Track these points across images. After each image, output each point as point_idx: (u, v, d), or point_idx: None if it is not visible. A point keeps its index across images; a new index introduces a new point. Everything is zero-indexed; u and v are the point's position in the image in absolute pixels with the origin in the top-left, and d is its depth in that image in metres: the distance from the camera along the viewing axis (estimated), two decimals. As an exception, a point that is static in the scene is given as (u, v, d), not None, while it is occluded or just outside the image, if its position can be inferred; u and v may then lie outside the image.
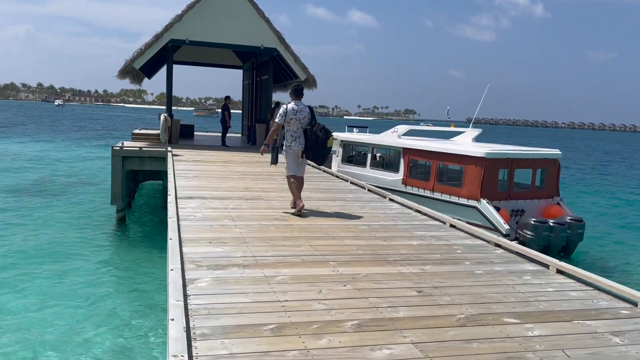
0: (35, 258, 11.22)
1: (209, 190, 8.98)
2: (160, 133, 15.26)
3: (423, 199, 13.98)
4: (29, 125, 64.84)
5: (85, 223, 14.81)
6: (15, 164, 26.56)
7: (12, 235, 13.08)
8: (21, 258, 11.24)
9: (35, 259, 11.26)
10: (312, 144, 7.24)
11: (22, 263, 10.90)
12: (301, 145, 7.38)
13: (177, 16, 17.62)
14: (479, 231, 6.52)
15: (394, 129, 16.03)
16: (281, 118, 7.33)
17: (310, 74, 19.01)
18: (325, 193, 9.44)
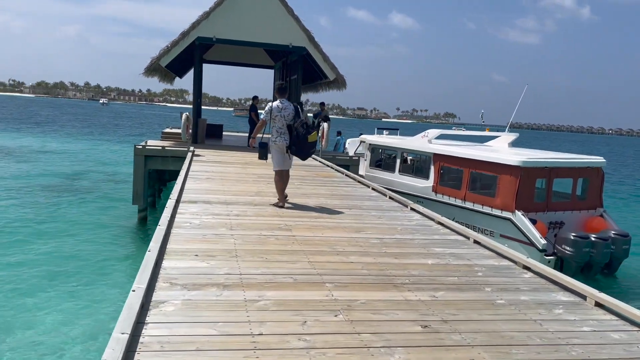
0: (51, 254, 11.09)
1: (217, 193, 8.44)
2: (182, 132, 14.90)
3: (454, 208, 13.14)
4: (68, 122, 66.59)
5: (107, 221, 14.63)
6: (48, 160, 26.93)
7: (33, 231, 12.99)
8: (38, 254, 11.15)
9: (52, 254, 11.16)
10: (294, 139, 7.61)
11: (38, 260, 10.82)
12: (286, 141, 7.71)
13: (204, 13, 17.27)
14: (505, 250, 5.72)
15: (424, 133, 15.20)
16: (266, 115, 7.74)
17: (340, 74, 18.36)
18: (342, 199, 8.76)
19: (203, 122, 19.72)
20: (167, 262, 4.66)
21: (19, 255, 10.99)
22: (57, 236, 12.70)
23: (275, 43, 17.99)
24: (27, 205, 15.84)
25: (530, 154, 12.72)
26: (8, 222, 13.68)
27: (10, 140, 36.50)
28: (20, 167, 23.73)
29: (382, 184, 16.35)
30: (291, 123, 7.66)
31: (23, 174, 21.88)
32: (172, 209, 6.71)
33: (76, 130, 52.92)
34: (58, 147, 34.46)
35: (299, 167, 13.21)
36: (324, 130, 15.81)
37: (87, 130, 54.26)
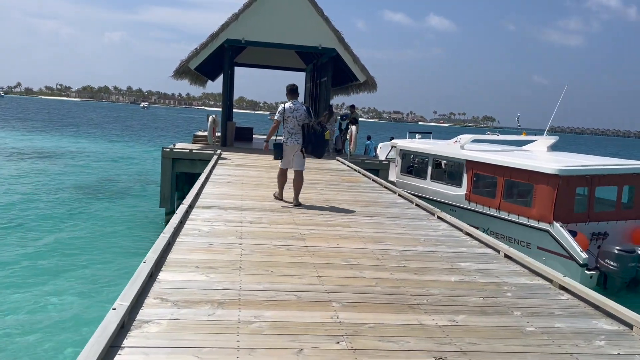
0: (76, 255, 11.06)
1: (234, 198, 8.12)
2: (208, 135, 14.72)
3: (488, 218, 12.47)
4: (107, 125, 68.23)
5: (132, 224, 14.58)
6: (82, 161, 27.39)
7: (58, 232, 13.03)
8: (59, 253, 11.15)
9: (76, 255, 11.14)
10: (310, 137, 7.75)
11: (56, 257, 10.83)
12: (296, 142, 7.89)
13: (233, 15, 17.10)
14: (539, 267, 5.14)
15: (457, 139, 14.53)
16: (279, 116, 7.87)
17: (370, 75, 17.89)
18: (365, 206, 8.30)
19: (232, 125, 19.57)
20: (164, 274, 4.32)
21: (37, 253, 11.03)
22: (81, 237, 12.68)
23: (305, 44, 17.67)
24: (56, 207, 15.98)
25: (570, 160, 11.93)
26: (34, 221, 13.80)
27: (50, 142, 37.48)
28: (55, 168, 24.18)
29: (413, 191, 15.75)
30: (305, 122, 7.84)
31: (56, 174, 22.26)
32: (182, 215, 6.40)
33: (113, 132, 54.09)
34: (94, 148, 35.14)
35: (324, 171, 12.83)
36: (352, 133, 15.36)
37: (124, 132, 55.39)
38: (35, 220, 14.16)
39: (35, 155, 28.51)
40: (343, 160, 15.21)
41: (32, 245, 11.67)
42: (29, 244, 11.77)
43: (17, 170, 22.92)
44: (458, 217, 13.99)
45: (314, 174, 12.10)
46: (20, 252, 11.13)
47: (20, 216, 14.58)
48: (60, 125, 59.35)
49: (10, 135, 40.44)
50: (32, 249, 11.42)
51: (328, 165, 14.29)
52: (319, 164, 14.45)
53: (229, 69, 19.03)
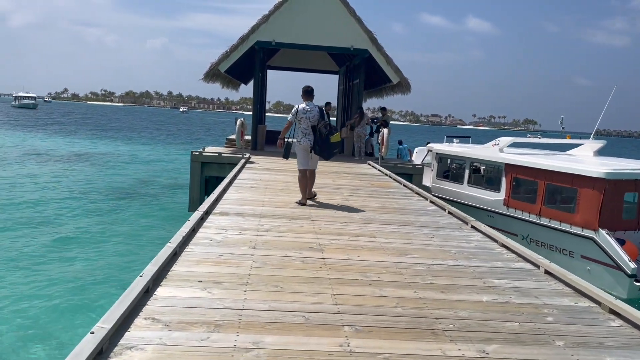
0: (100, 259, 11.06)
1: (255, 204, 7.75)
2: (236, 138, 14.46)
3: (527, 225, 11.76)
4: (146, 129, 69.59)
5: (162, 228, 14.46)
6: (116, 164, 27.74)
7: (86, 234, 13.11)
8: (85, 255, 11.23)
9: (100, 259, 11.19)
10: (317, 139, 7.93)
11: (82, 259, 10.89)
12: (310, 142, 8.04)
13: (263, 17, 16.85)
14: (586, 286, 4.53)
15: (495, 141, 13.81)
16: (292, 116, 8.15)
17: (404, 77, 17.32)
18: (393, 214, 7.78)
19: (263, 128, 19.32)
20: (162, 290, 3.95)
21: (63, 255, 11.04)
22: (107, 240, 12.65)
23: (336, 46, 17.26)
24: (85, 210, 16.08)
25: (619, 164, 11.08)
26: (62, 223, 13.92)
27: (87, 145, 38.32)
28: (89, 170, 24.53)
29: (450, 196, 15.11)
30: (315, 124, 7.98)
31: (89, 177, 22.54)
32: (196, 222, 6.05)
33: (150, 136, 55.04)
34: (129, 151, 35.68)
35: (353, 175, 12.36)
36: (383, 136, 14.82)
37: (160, 136, 56.32)
38: (63, 222, 14.27)
39: (72, 158, 29.09)
40: (374, 165, 14.70)
41: (56, 247, 11.74)
42: (53, 245, 11.85)
43: (52, 172, 23.36)
44: (496, 224, 13.47)
45: (342, 179, 11.65)
46: (45, 253, 11.18)
47: (49, 217, 14.77)
48: (99, 129, 60.87)
49: (51, 139, 41.60)
50: (55, 250, 11.48)
51: (358, 170, 13.81)
52: (349, 168, 14.00)
53: (259, 72, 18.79)
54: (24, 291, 8.91)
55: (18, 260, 10.70)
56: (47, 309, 8.20)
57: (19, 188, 19.02)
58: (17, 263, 10.50)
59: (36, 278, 9.65)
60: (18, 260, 10.70)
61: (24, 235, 12.74)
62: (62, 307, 8.28)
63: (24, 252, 11.25)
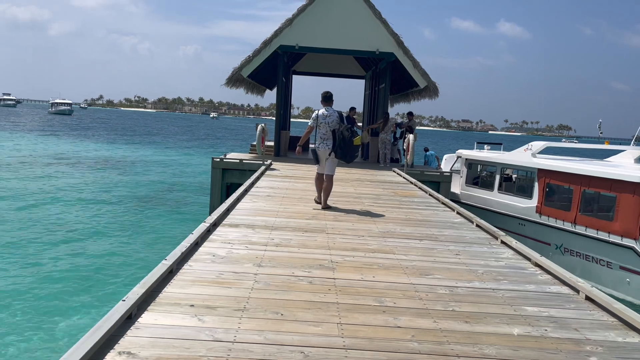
0: (115, 268, 10.89)
1: (268, 215, 7.31)
2: (257, 144, 14.10)
3: (562, 233, 11.09)
4: (174, 134, 70.34)
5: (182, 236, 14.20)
6: (141, 169, 27.78)
7: (106, 242, 13.02)
8: (102, 260, 11.22)
9: (114, 263, 11.10)
10: (339, 142, 7.90)
11: (98, 265, 10.86)
12: (328, 147, 8.11)
13: (286, 20, 16.50)
14: (636, 318, 3.91)
15: (528, 146, 13.14)
16: (313, 122, 8.22)
17: (432, 80, 16.70)
18: (416, 226, 7.23)
19: (286, 134, 18.98)
20: (147, 317, 3.52)
21: (79, 258, 11.02)
22: (125, 248, 12.45)
23: (361, 49, 16.78)
24: (107, 215, 15.97)
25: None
26: (82, 228, 13.79)
27: (116, 150, 38.74)
28: (113, 176, 24.61)
29: (479, 203, 14.48)
30: (335, 128, 8.02)
31: (113, 182, 22.58)
32: (201, 235, 5.64)
33: (178, 141, 55.50)
34: (156, 156, 35.89)
35: (376, 183, 11.83)
36: (409, 142, 14.23)
37: (188, 141, 56.73)
38: (84, 227, 14.23)
39: (98, 162, 29.34)
40: (399, 172, 14.12)
41: (71, 253, 11.64)
42: (71, 252, 11.73)
43: (78, 176, 23.51)
44: (527, 232, 12.76)
45: (365, 186, 11.13)
46: (62, 260, 11.04)
47: (71, 222, 14.71)
48: (127, 135, 61.76)
49: (80, 143, 42.27)
50: (70, 257, 11.37)
51: (382, 177, 13.26)
52: (372, 175, 13.47)
53: (283, 76, 18.44)
54: (36, 293, 8.80)
55: (37, 263, 10.71)
56: (55, 309, 8.00)
57: (43, 191, 19.15)
58: (37, 266, 10.51)
59: (52, 278, 9.73)
60: (37, 263, 10.71)
61: (44, 237, 12.80)
62: (68, 306, 8.08)
63: (42, 255, 11.29)
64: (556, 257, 11.43)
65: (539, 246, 11.82)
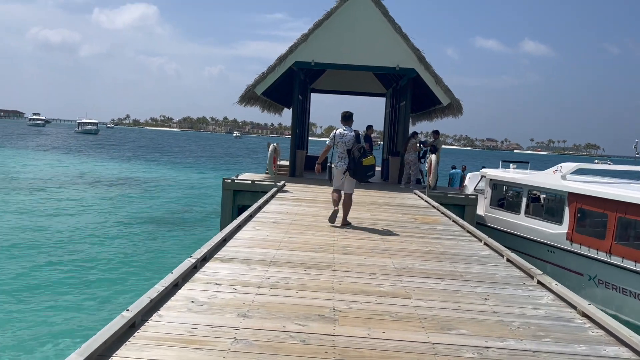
0: (120, 287, 10.38)
1: (269, 246, 6.48)
2: (268, 165, 13.35)
3: (595, 263, 10.19)
4: (195, 153, 70.52)
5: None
6: (157, 189, 27.33)
7: (114, 260, 12.73)
8: (110, 281, 10.93)
9: (120, 287, 10.68)
10: (350, 162, 8.17)
11: (105, 286, 10.59)
12: (345, 165, 8.30)
13: (302, 36, 15.84)
14: None
15: (557, 167, 12.19)
16: (331, 141, 8.47)
17: (455, 98, 15.81)
18: (438, 261, 6.30)
19: (302, 154, 18.22)
20: (81, 396, 2.70)
21: (91, 278, 10.86)
22: (129, 272, 11.96)
23: (381, 65, 16.01)
24: (116, 236, 15.49)
25: None
26: (91, 248, 13.48)
27: (135, 169, 38.58)
28: (131, 195, 24.15)
29: (505, 227, 13.49)
30: (350, 148, 8.19)
31: (130, 201, 22.12)
32: (184, 272, 4.83)
33: (196, 160, 55.41)
34: (172, 176, 35.59)
35: (395, 207, 10.93)
36: (431, 162, 13.29)
37: (207, 160, 56.61)
38: (94, 248, 13.92)
39: (116, 182, 29.04)
40: (421, 194, 13.18)
41: (80, 271, 11.47)
42: (79, 270, 11.56)
43: (93, 195, 23.19)
44: (557, 260, 11.68)
45: (382, 211, 10.24)
46: (66, 278, 10.92)
47: (80, 242, 14.43)
48: (148, 153, 62.04)
49: (102, 163, 42.30)
50: (79, 275, 11.20)
51: (402, 200, 12.34)
52: (391, 198, 12.57)
53: (299, 94, 17.77)
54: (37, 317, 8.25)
55: (39, 285, 10.40)
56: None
57: (58, 210, 18.85)
58: (38, 289, 10.18)
59: (52, 300, 9.49)
60: (39, 285, 10.40)
61: (53, 256, 12.55)
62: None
63: (47, 275, 11.09)
64: (590, 289, 10.52)
65: (570, 276, 10.94)
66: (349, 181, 8.39)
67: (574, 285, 10.88)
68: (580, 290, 10.69)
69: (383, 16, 15.53)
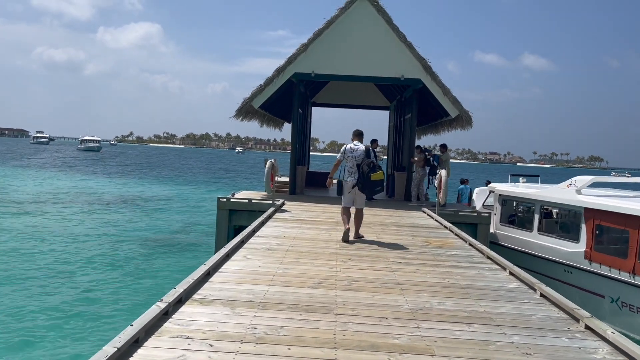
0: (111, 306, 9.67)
1: (260, 281, 5.50)
2: (265, 183, 12.40)
3: (617, 284, 9.60)
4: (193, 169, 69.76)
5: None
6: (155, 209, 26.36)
7: (105, 279, 12.23)
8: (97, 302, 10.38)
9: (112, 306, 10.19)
10: (359, 176, 8.21)
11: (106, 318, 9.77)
12: (354, 180, 8.29)
13: (302, 46, 15.00)
14: None
15: (572, 181, 11.36)
16: (341, 155, 8.54)
17: (464, 109, 14.89)
18: (460, 297, 5.30)
19: (302, 170, 17.31)
20: None
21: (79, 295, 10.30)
22: (124, 286, 11.30)
23: (385, 76, 15.13)
24: (113, 259, 14.65)
25: None
26: (82, 269, 12.75)
27: (133, 187, 37.69)
28: (122, 214, 23.22)
29: (517, 245, 12.64)
30: (359, 163, 8.25)
31: (121, 221, 21.21)
32: (147, 325, 3.85)
33: (196, 177, 54.57)
34: (169, 193, 34.64)
35: (404, 229, 9.94)
36: (441, 179, 12.33)
37: (205, 176, 55.75)
38: (84, 271, 13.12)
39: (113, 200, 28.10)
40: (430, 213, 12.20)
41: (70, 294, 10.96)
42: (70, 292, 11.08)
43: (88, 215, 22.27)
44: (575, 281, 10.59)
45: (390, 233, 9.27)
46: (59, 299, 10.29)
47: (73, 262, 13.77)
48: (147, 171, 61.27)
49: (100, 180, 41.45)
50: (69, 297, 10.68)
51: (410, 220, 11.35)
52: (399, 217, 11.60)
53: (299, 107, 16.88)
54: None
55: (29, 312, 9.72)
56: None
57: (42, 228, 18.11)
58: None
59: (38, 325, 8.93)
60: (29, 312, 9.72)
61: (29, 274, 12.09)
62: None
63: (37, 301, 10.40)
64: (612, 312, 9.68)
65: (590, 298, 10.11)
66: (359, 196, 8.47)
67: (594, 308, 9.99)
68: (601, 314, 9.83)
69: (386, 24, 14.70)
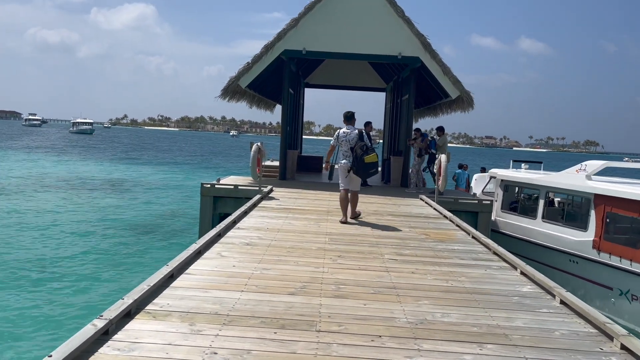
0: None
1: (232, 286, 4.67)
2: (251, 168, 11.54)
3: (628, 276, 9.26)
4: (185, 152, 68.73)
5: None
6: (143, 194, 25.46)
7: (84, 269, 11.64)
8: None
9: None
10: (353, 159, 8.31)
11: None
12: (349, 162, 8.42)
13: (292, 21, 14.02)
14: None
15: (581, 166, 10.65)
16: (335, 140, 8.68)
17: (465, 90, 13.99)
18: (467, 306, 4.49)
19: (294, 154, 16.42)
20: None
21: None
22: (102, 277, 10.81)
23: (381, 54, 14.18)
24: (97, 245, 13.98)
25: None
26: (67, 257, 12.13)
27: (122, 170, 36.74)
28: (108, 199, 22.35)
29: (519, 233, 11.99)
30: (353, 146, 8.23)
31: (106, 206, 20.35)
32: (74, 351, 3.01)
33: (188, 160, 53.58)
34: (157, 178, 33.69)
35: (400, 218, 9.10)
36: (440, 164, 11.48)
37: (197, 160, 54.77)
38: (70, 258, 12.55)
39: (98, 185, 27.17)
40: (428, 201, 11.39)
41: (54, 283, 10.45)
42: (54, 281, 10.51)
43: (75, 200, 21.38)
44: (582, 272, 9.90)
45: (385, 224, 8.45)
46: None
47: (55, 250, 13.03)
48: (139, 153, 60.18)
49: (91, 164, 40.45)
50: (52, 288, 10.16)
51: (407, 208, 10.54)
52: (395, 206, 10.78)
53: (290, 87, 15.94)
54: None
55: None
56: None
57: (36, 216, 17.30)
58: None
59: None
60: None
61: None
62: None
63: None
64: (621, 305, 9.13)
65: (597, 290, 9.58)
66: (354, 179, 8.53)
67: (602, 301, 9.38)
68: (610, 307, 9.26)
69: (383, -1, 13.72)
